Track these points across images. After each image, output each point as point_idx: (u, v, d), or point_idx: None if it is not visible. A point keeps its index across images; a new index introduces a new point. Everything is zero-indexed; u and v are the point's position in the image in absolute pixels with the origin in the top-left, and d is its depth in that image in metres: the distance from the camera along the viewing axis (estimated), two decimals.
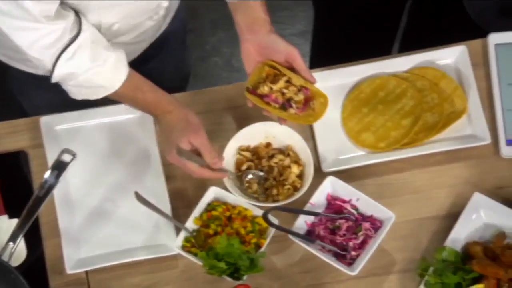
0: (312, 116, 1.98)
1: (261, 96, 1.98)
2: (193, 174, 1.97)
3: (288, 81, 1.99)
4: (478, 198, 2.01)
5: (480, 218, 2.01)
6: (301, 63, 1.97)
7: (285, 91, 1.98)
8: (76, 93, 1.95)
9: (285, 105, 1.98)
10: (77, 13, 1.89)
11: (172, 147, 1.94)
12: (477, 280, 1.92)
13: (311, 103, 1.99)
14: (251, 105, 2.00)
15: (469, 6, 2.30)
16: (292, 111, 1.98)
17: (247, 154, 2.08)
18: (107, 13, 1.94)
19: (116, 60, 1.92)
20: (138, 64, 2.04)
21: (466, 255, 1.96)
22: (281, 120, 2.02)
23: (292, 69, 1.99)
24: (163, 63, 2.34)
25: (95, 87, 1.93)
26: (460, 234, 1.98)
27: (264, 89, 1.98)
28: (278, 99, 1.98)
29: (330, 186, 2.03)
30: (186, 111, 1.95)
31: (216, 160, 1.95)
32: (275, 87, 1.97)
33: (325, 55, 2.69)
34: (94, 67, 1.89)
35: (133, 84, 1.95)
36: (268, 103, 1.98)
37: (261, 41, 1.98)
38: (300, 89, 1.98)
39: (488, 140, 2.08)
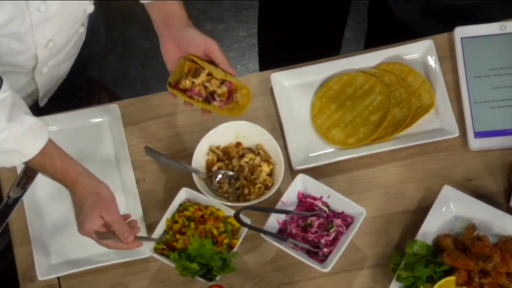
0: (237, 108, 1.95)
1: (184, 91, 1.95)
2: (109, 248, 1.93)
3: (210, 74, 1.96)
4: (447, 191, 2.02)
5: (450, 210, 2.01)
6: (219, 56, 1.93)
7: (207, 84, 1.95)
8: None
9: (209, 98, 1.95)
10: None
11: (84, 222, 1.88)
12: (448, 273, 1.93)
13: (234, 96, 1.96)
14: (173, 97, 1.95)
15: (393, 4, 2.31)
16: (216, 104, 1.95)
17: (219, 153, 2.08)
18: (41, 30, 1.89)
19: (36, 126, 1.83)
20: None
21: (437, 248, 1.97)
22: (204, 113, 1.98)
23: (213, 62, 1.95)
24: None
25: (9, 152, 1.82)
26: (431, 228, 1.99)
27: (186, 83, 1.94)
28: (201, 93, 1.95)
29: (301, 184, 2.04)
30: (97, 184, 1.89)
31: (127, 235, 1.89)
32: (197, 81, 1.94)
33: (272, 55, 2.70)
34: (10, 128, 1.79)
35: (45, 151, 1.85)
36: (191, 97, 1.95)
37: (178, 35, 1.94)
38: (223, 82, 1.96)
39: (456, 133, 2.09)
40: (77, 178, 1.87)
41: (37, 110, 2.18)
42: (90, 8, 2.00)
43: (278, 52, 2.66)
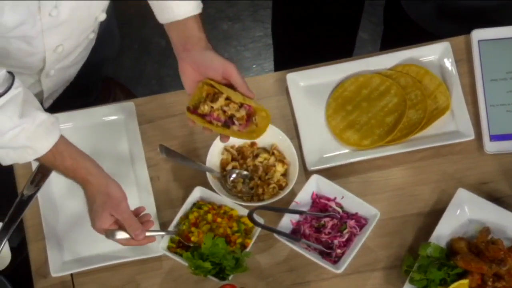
0: (255, 131, 1.94)
1: (203, 116, 1.94)
2: (122, 244, 1.93)
3: (229, 98, 1.94)
4: (462, 194, 2.01)
5: (464, 213, 2.01)
6: (238, 79, 1.92)
7: (225, 108, 1.93)
8: (4, 157, 1.86)
9: (228, 122, 1.94)
10: (10, 72, 1.81)
11: (94, 220, 1.89)
12: (461, 276, 1.92)
13: (253, 119, 1.94)
14: (192, 124, 1.95)
15: (406, 6, 2.30)
16: (235, 128, 1.94)
17: (233, 152, 2.08)
18: (51, 34, 1.89)
19: (48, 122, 1.84)
20: None
21: (451, 251, 1.96)
22: (223, 137, 1.98)
23: (231, 85, 1.94)
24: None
25: (22, 148, 1.83)
26: (445, 230, 1.99)
27: (205, 108, 1.93)
28: (220, 117, 1.93)
29: (315, 185, 2.03)
30: (106, 183, 1.89)
31: (138, 233, 1.89)
32: (215, 105, 1.93)
33: (286, 55, 2.69)
34: (22, 124, 1.80)
35: (56, 149, 1.86)
36: (210, 122, 1.94)
37: (197, 58, 1.93)
38: (241, 105, 1.94)
39: (471, 136, 2.08)
40: (87, 177, 1.88)
41: (51, 108, 2.18)
42: (102, 16, 1.99)
43: (292, 52, 2.65)
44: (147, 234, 1.91)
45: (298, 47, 2.64)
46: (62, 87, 2.22)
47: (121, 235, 1.89)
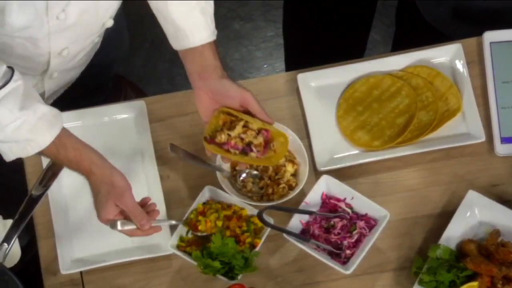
0: (274, 157, 1.94)
1: (220, 144, 1.94)
2: (127, 235, 1.92)
3: (246, 126, 1.94)
4: (472, 196, 2.01)
5: (475, 216, 2.00)
6: (256, 106, 1.92)
7: (243, 136, 1.93)
8: (7, 151, 1.84)
9: (245, 149, 1.94)
10: (9, 67, 1.80)
11: (99, 211, 1.89)
12: (471, 278, 1.92)
13: (271, 145, 1.95)
14: (210, 154, 1.96)
15: (422, 7, 2.30)
16: (253, 155, 1.94)
17: None
18: (58, 38, 1.89)
19: (49, 114, 1.83)
20: None
21: (460, 253, 1.96)
22: (241, 165, 1.98)
23: (248, 112, 1.94)
24: None
25: (24, 141, 1.82)
26: (455, 232, 1.98)
27: (222, 137, 1.93)
28: (238, 145, 1.93)
29: (325, 185, 2.03)
30: (110, 173, 1.88)
31: (143, 223, 1.88)
32: (233, 133, 1.93)
33: (297, 55, 2.69)
34: (23, 116, 1.79)
35: (59, 141, 1.85)
36: (227, 151, 1.94)
37: (213, 87, 1.93)
38: (259, 132, 1.94)
39: (482, 138, 2.08)
40: (91, 168, 1.87)
41: (61, 107, 2.18)
42: (109, 22, 1.99)
43: (303, 52, 2.65)
44: (153, 224, 1.90)
45: (309, 47, 2.63)
46: (63, 88, 2.22)
47: (126, 225, 1.89)
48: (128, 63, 3.14)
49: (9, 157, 1.86)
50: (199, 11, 1.95)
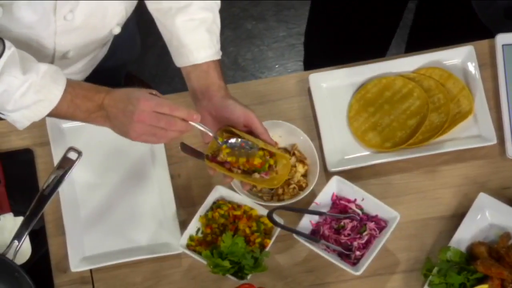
0: (276, 179, 1.94)
1: (223, 163, 1.93)
2: (156, 140, 1.83)
3: None
4: (483, 198, 2.00)
5: (485, 218, 2.00)
6: (259, 127, 1.91)
7: None
8: (20, 119, 1.82)
9: (249, 170, 1.93)
10: None
11: (133, 113, 1.78)
12: (481, 281, 1.91)
13: (273, 166, 1.94)
14: (213, 173, 1.94)
15: (477, 6, 2.29)
16: (256, 175, 1.93)
17: None
18: (63, 38, 1.89)
19: (51, 70, 1.80)
20: None
21: (471, 255, 1.96)
22: (245, 185, 1.98)
23: (251, 133, 1.93)
24: None
25: (35, 104, 1.80)
26: (465, 235, 1.98)
27: (225, 156, 1.92)
28: (240, 165, 1.93)
29: (335, 186, 2.03)
30: (124, 89, 1.82)
31: (192, 112, 1.81)
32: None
33: (319, 56, 2.68)
34: (28, 79, 1.77)
35: (70, 99, 1.82)
36: (230, 169, 1.93)
37: (217, 106, 1.92)
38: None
39: (494, 141, 2.08)
40: (104, 102, 1.81)
41: None
42: (117, 29, 1.99)
43: (323, 52, 2.64)
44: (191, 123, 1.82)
45: (333, 46, 2.62)
46: None
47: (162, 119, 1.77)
48: (140, 61, 3.15)
49: (23, 124, 1.83)
50: (205, 30, 1.94)
